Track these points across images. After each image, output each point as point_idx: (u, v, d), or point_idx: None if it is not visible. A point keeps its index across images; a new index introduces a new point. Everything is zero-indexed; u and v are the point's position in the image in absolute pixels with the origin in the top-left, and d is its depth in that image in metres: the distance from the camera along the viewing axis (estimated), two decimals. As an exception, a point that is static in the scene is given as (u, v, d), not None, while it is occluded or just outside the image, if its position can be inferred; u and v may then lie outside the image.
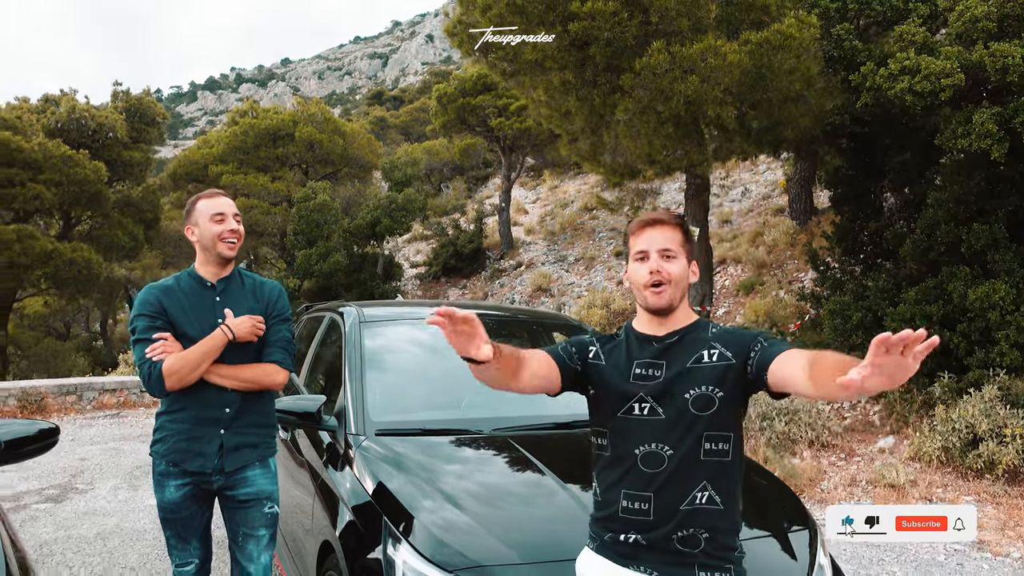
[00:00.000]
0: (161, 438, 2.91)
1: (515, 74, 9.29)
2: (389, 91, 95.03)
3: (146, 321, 2.82)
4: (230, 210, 2.92)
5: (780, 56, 7.44)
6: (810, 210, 14.39)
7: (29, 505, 6.04)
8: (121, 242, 21.52)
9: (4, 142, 18.29)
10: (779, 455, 7.22)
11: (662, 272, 2.04)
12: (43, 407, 10.27)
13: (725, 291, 13.55)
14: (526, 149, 23.28)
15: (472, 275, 22.27)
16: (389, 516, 2.73)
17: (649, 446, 2.01)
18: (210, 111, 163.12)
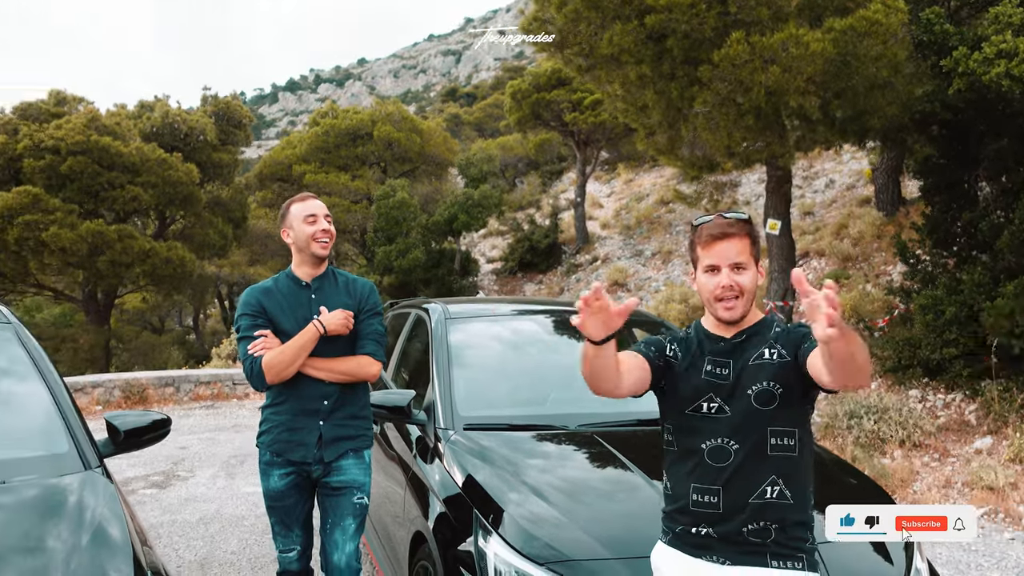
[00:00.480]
0: (266, 430, 3.08)
1: (591, 69, 9.27)
2: (463, 88, 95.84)
3: (248, 320, 3.00)
4: (321, 211, 3.06)
5: (866, 43, 7.20)
6: (898, 200, 13.86)
7: (137, 491, 6.43)
8: (211, 240, 22.48)
9: (105, 147, 19.35)
10: (868, 454, 7.03)
11: (734, 287, 2.06)
12: (145, 398, 10.87)
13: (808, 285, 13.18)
14: (601, 143, 23.17)
15: (548, 270, 22.33)
16: (479, 508, 2.82)
17: (715, 440, 2.06)
18: (291, 112, 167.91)
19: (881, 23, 7.07)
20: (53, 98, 21.85)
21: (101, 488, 2.48)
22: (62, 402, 2.82)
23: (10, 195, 18.19)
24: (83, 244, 18.18)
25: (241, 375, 11.73)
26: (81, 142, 19.10)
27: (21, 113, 20.85)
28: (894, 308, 9.80)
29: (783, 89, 7.44)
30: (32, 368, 2.95)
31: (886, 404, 7.54)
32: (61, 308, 25.76)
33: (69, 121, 19.77)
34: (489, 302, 5.55)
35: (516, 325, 4.57)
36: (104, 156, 19.40)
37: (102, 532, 2.24)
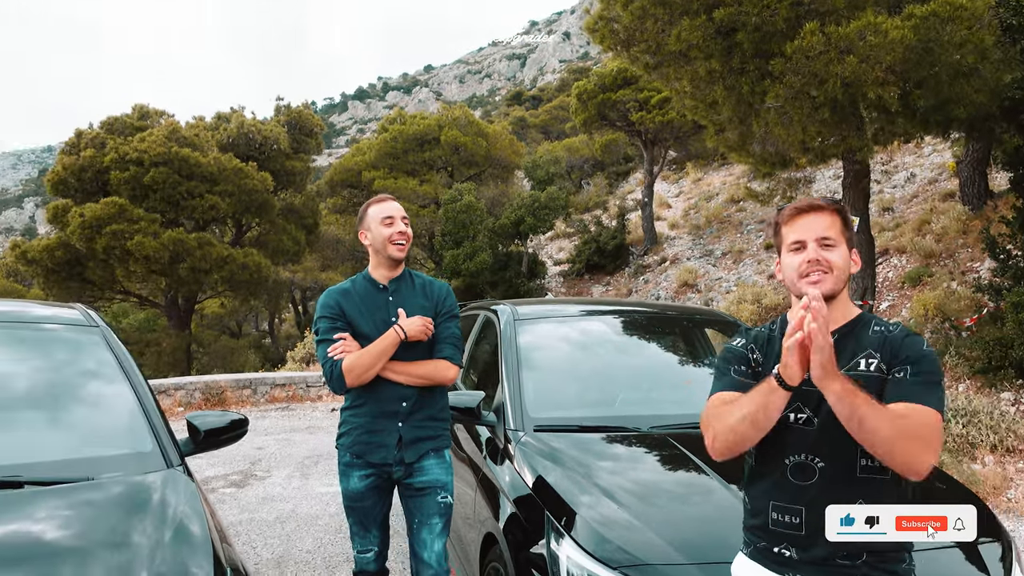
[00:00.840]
0: (345, 432, 3.09)
1: (658, 66, 9.14)
2: (528, 91, 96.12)
3: (327, 323, 3.01)
4: (398, 213, 3.05)
5: (949, 28, 6.88)
6: (985, 194, 13.19)
7: (217, 489, 6.62)
8: (285, 247, 23.12)
9: (185, 158, 20.13)
10: (957, 460, 6.70)
11: (822, 261, 1.88)
12: (223, 399, 11.21)
13: (888, 283, 12.70)
14: (668, 142, 22.85)
15: (615, 272, 22.14)
16: (550, 510, 2.78)
17: (799, 456, 1.88)
18: (360, 120, 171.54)
19: (966, 7, 6.74)
20: (137, 112, 22.85)
21: (183, 486, 2.54)
22: (146, 403, 2.91)
23: (98, 206, 19.09)
24: (165, 252, 18.94)
25: (314, 378, 11.99)
26: (163, 154, 19.92)
27: (107, 128, 21.87)
28: (983, 306, 9.33)
29: (860, 80, 7.17)
30: (118, 370, 3.05)
31: (976, 407, 7.17)
32: (145, 314, 26.88)
33: (152, 134, 20.65)
34: (557, 303, 5.51)
35: (585, 326, 4.52)
36: (184, 166, 20.18)
37: (183, 529, 2.29)
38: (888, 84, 7.20)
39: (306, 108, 26.22)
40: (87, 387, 3.01)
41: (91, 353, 3.12)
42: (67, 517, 2.26)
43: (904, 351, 1.85)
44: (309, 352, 15.65)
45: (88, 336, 3.22)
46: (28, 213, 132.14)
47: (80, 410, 2.89)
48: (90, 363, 3.10)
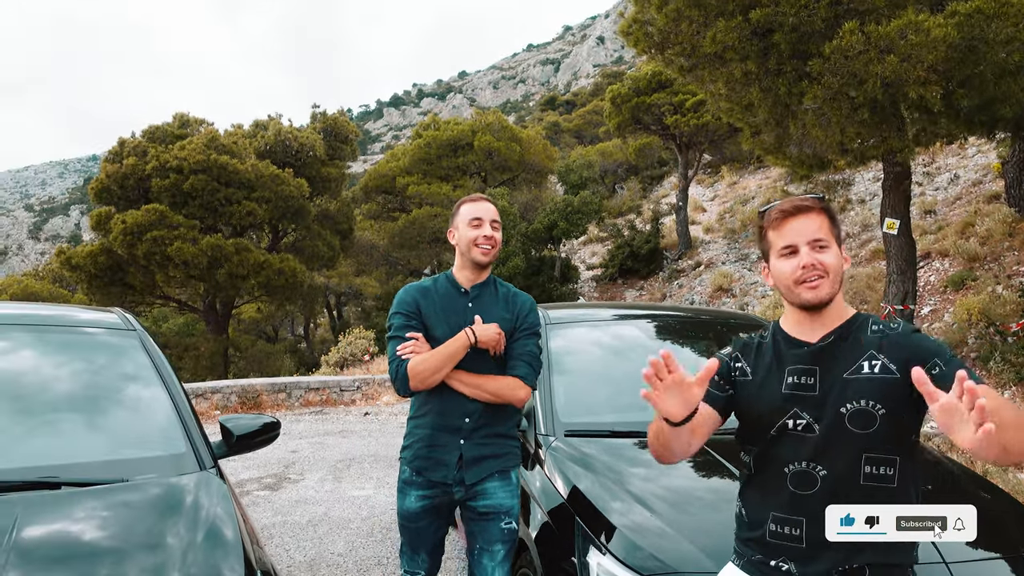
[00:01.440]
0: (408, 444, 2.92)
1: (693, 69, 9.04)
2: (561, 96, 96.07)
3: (402, 319, 2.85)
4: (488, 216, 2.86)
5: (995, 25, 6.69)
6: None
7: (251, 492, 6.69)
8: (320, 252, 23.39)
9: (223, 165, 20.50)
10: (1003, 469, 6.50)
11: (816, 265, 1.81)
12: (259, 403, 11.34)
13: (930, 287, 12.40)
14: (703, 145, 22.66)
15: (649, 276, 21.98)
16: (581, 516, 2.75)
17: (800, 464, 1.81)
18: (395, 126, 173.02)
19: (1012, 3, 6.55)
20: (177, 121, 23.33)
21: (215, 488, 2.56)
22: (181, 405, 2.94)
23: (140, 213, 19.52)
24: (203, 257, 19.29)
25: (348, 382, 12.09)
26: (202, 161, 20.31)
27: (149, 136, 22.36)
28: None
29: (901, 80, 7.01)
30: (154, 373, 3.08)
31: (1023, 415, 6.95)
32: (185, 318, 27.38)
33: (191, 142, 21.06)
34: (589, 307, 5.46)
35: (617, 330, 4.47)
36: (222, 173, 20.55)
37: (216, 531, 2.30)
38: (930, 84, 7.03)
39: (341, 115, 26.52)
40: (123, 390, 3.04)
41: (128, 356, 3.17)
42: (101, 518, 2.28)
43: (920, 349, 1.77)
44: (343, 356, 15.78)
45: (126, 340, 3.27)
46: (74, 220, 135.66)
47: (116, 412, 2.93)
48: (127, 366, 3.14)
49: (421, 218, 23.00)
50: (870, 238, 16.64)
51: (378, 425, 10.01)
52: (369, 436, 9.19)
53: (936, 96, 7.12)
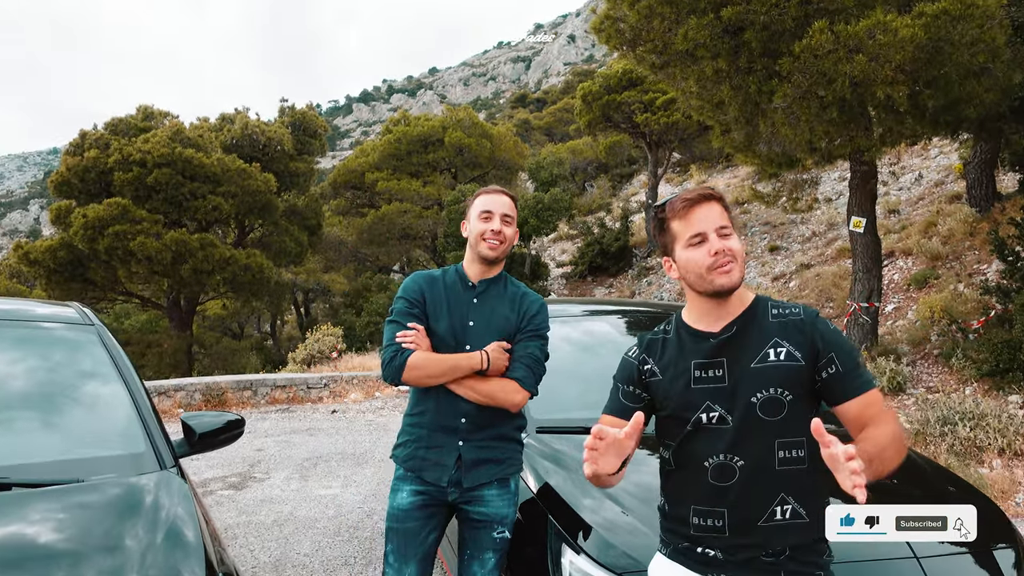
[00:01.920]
0: (402, 442, 2.78)
1: (664, 66, 9.06)
2: (532, 93, 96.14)
3: (405, 305, 2.72)
4: (499, 210, 2.73)
5: (961, 27, 6.79)
6: (992, 196, 13.09)
7: (215, 491, 6.55)
8: (288, 248, 23.08)
9: (188, 159, 20.11)
10: (964, 464, 6.60)
11: (726, 250, 1.83)
12: (223, 401, 11.15)
13: (894, 285, 12.60)
14: (673, 144, 22.79)
15: (618, 273, 22.07)
16: (553, 514, 2.70)
17: (717, 457, 1.83)
18: (364, 122, 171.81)
19: (977, 5, 6.65)
20: (141, 113, 22.85)
21: (176, 488, 2.47)
22: (141, 403, 2.84)
23: (101, 207, 19.08)
24: (167, 253, 18.91)
25: (315, 379, 11.93)
26: (166, 154, 19.90)
27: (112, 129, 21.87)
28: (991, 308, 9.23)
29: (869, 79, 7.09)
30: (113, 370, 2.98)
31: (983, 410, 7.07)
32: (148, 315, 26.86)
33: (155, 135, 20.64)
34: (560, 302, 5.42)
35: (588, 326, 4.44)
36: (187, 167, 20.16)
37: (176, 532, 2.22)
38: (898, 83, 7.12)
39: (310, 110, 26.22)
40: (80, 386, 2.93)
41: (86, 352, 3.06)
42: (54, 520, 2.19)
43: (818, 339, 1.84)
44: (310, 354, 15.60)
45: (84, 335, 3.16)
46: (33, 215, 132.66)
47: (72, 410, 2.82)
48: (85, 362, 3.03)
49: (390, 214, 22.82)
50: (836, 236, 16.87)
51: (346, 423, 9.89)
52: (337, 434, 9.07)
53: (903, 96, 7.22)
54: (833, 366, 1.81)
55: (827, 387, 1.83)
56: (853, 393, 1.81)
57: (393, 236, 23.48)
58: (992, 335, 8.56)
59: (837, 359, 1.82)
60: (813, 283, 14.54)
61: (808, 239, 18.08)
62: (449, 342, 2.69)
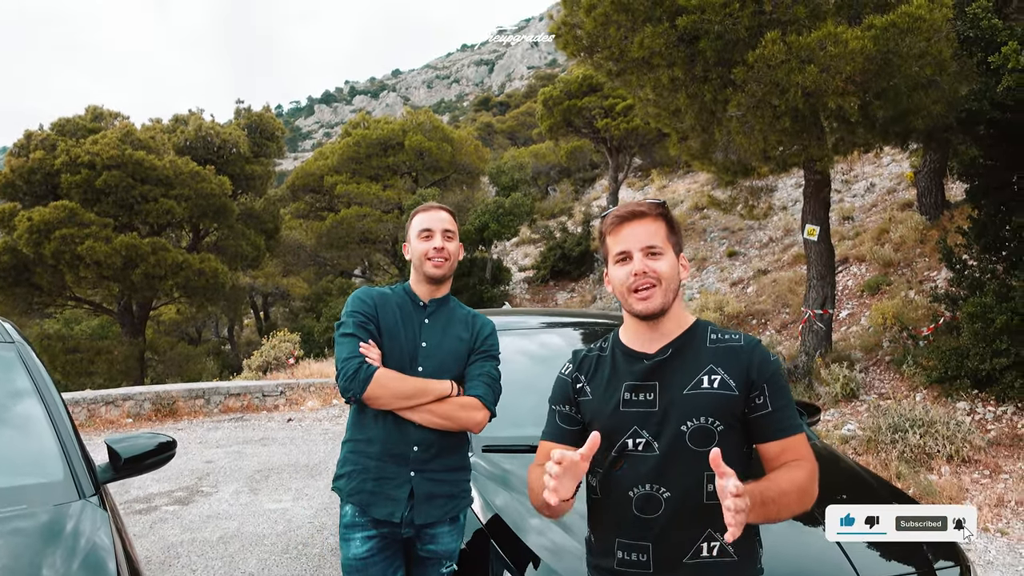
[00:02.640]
0: (345, 473, 2.59)
1: (621, 73, 9.05)
2: (495, 97, 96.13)
3: (360, 319, 2.58)
4: (439, 226, 2.64)
5: (908, 40, 6.89)
6: (941, 204, 13.38)
7: (159, 507, 6.34)
8: (244, 252, 22.66)
9: (139, 161, 19.63)
10: (913, 470, 6.69)
11: (648, 272, 1.76)
12: (175, 410, 10.86)
13: (848, 292, 12.79)
14: (633, 149, 22.92)
15: (580, 278, 22.10)
16: (496, 539, 2.63)
17: (643, 488, 1.74)
18: (326, 123, 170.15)
19: (924, 19, 6.75)
20: (90, 114, 22.25)
21: (94, 518, 2.34)
22: (60, 426, 2.70)
23: (47, 210, 18.51)
24: (117, 257, 18.41)
25: (270, 387, 11.69)
26: (116, 156, 19.39)
27: (59, 129, 21.26)
28: (939, 316, 9.40)
29: (821, 90, 7.15)
30: (32, 390, 2.83)
31: (932, 417, 7.18)
32: (99, 320, 26.17)
33: (105, 136, 20.10)
34: (515, 314, 5.35)
35: (543, 339, 4.36)
36: (138, 170, 19.67)
37: (88, 565, 2.10)
38: (848, 94, 7.20)
39: (267, 111, 25.80)
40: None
41: (2, 371, 2.90)
42: (-46, 558, 2.04)
43: (755, 367, 1.77)
44: (266, 360, 15.30)
45: (1, 353, 2.99)
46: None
47: (-16, 435, 2.66)
48: (1, 382, 2.86)
49: (349, 218, 22.55)
50: (792, 243, 17.10)
51: (301, 432, 9.70)
52: (291, 444, 8.88)
53: (854, 106, 7.30)
54: (762, 398, 1.75)
55: (753, 422, 1.77)
56: (775, 435, 1.75)
57: (353, 240, 23.22)
58: (941, 342, 8.71)
59: (768, 394, 1.75)
60: (770, 289, 14.70)
61: (765, 244, 18.30)
62: (403, 362, 2.57)
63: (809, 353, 9.77)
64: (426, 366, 2.57)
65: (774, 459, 1.75)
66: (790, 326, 12.64)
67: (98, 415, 10.41)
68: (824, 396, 9.13)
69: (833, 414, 8.68)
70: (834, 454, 3.55)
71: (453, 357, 2.62)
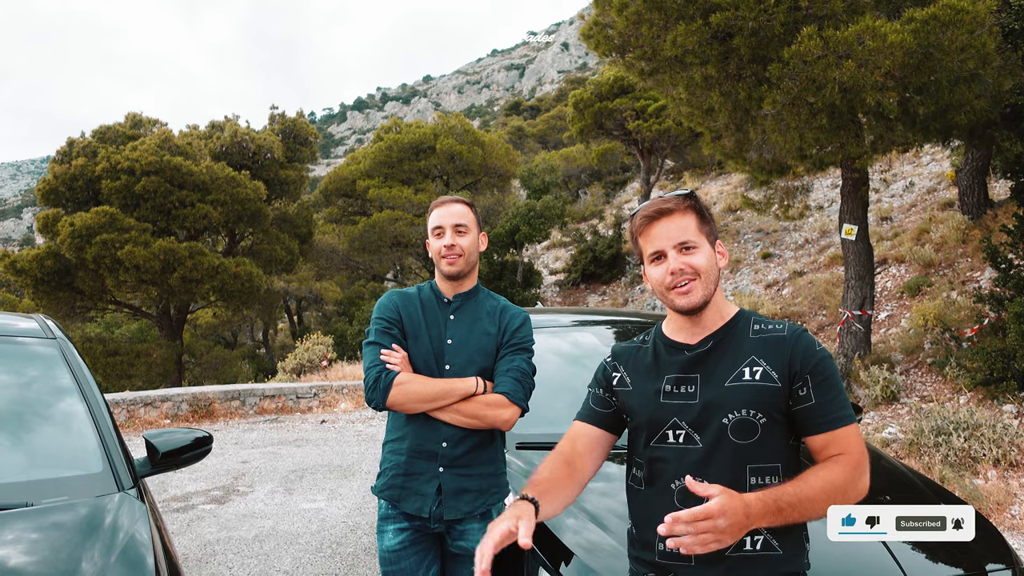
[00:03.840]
0: (382, 471, 2.61)
1: (653, 73, 8.98)
2: (526, 101, 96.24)
3: (383, 324, 2.57)
4: (449, 222, 2.56)
5: (950, 33, 6.72)
6: (984, 203, 13.05)
7: (196, 506, 6.41)
8: (278, 256, 22.90)
9: (177, 167, 19.96)
10: (958, 475, 6.51)
11: (685, 269, 1.75)
12: (211, 412, 11.01)
13: (887, 293, 12.53)
14: (665, 151, 22.75)
15: (611, 281, 21.98)
16: (533, 538, 2.59)
17: (684, 480, 1.69)
18: (358, 130, 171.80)
19: (967, 11, 6.58)
20: (129, 121, 22.70)
21: (133, 510, 2.36)
22: (100, 420, 2.73)
23: (89, 215, 18.91)
24: (156, 261, 18.74)
25: (304, 389, 11.79)
26: (154, 162, 19.76)
27: (100, 136, 21.71)
28: (984, 316, 9.15)
29: (859, 85, 7.01)
30: (73, 385, 2.87)
31: (977, 420, 6.98)
32: (138, 324, 26.67)
33: (143, 142, 20.48)
34: (548, 312, 5.31)
35: (576, 337, 4.33)
36: (176, 175, 20.01)
37: (127, 557, 2.12)
38: (887, 90, 7.04)
39: (300, 117, 26.08)
40: (36, 403, 2.81)
41: (45, 367, 2.94)
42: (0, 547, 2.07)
43: (798, 357, 1.72)
44: (300, 363, 15.46)
45: (44, 348, 3.04)
46: (27, 223, 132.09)
47: (27, 428, 2.70)
48: (43, 377, 2.91)
49: (382, 222, 22.69)
50: (828, 244, 16.81)
51: (335, 433, 9.76)
52: (325, 445, 8.94)
53: (893, 102, 7.15)
54: (805, 390, 1.70)
55: (797, 415, 1.72)
56: (819, 428, 1.70)
57: (385, 244, 23.36)
58: (986, 343, 8.47)
59: (812, 385, 1.70)
60: (806, 291, 14.47)
61: (801, 246, 18.03)
62: (429, 361, 2.55)
63: (847, 355, 9.58)
64: (453, 363, 2.54)
65: (819, 452, 1.71)
66: (827, 328, 12.41)
67: (137, 416, 10.58)
68: (863, 399, 8.95)
69: (873, 417, 8.50)
70: (876, 453, 3.46)
71: (481, 353, 2.58)
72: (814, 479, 1.62)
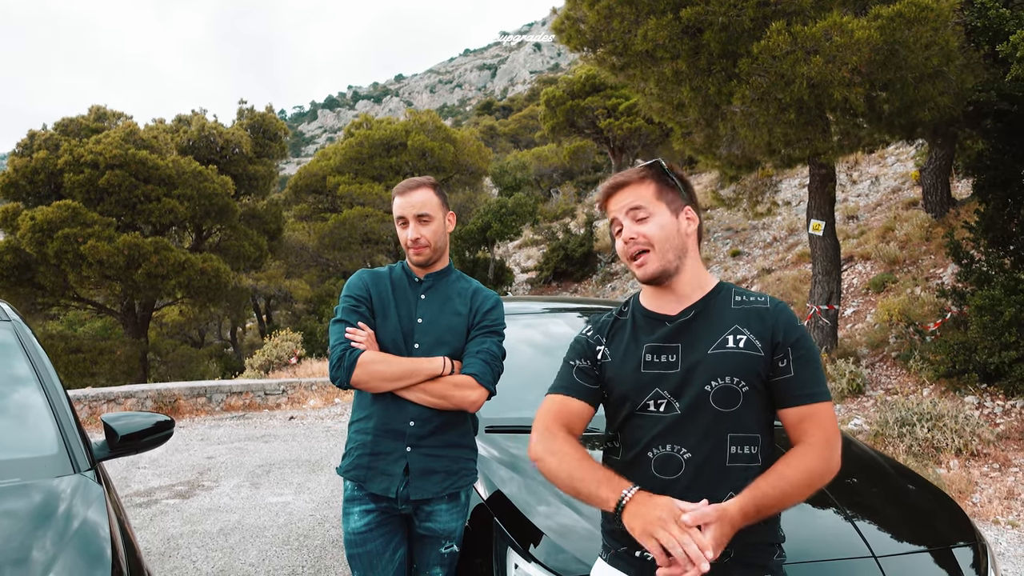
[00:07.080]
0: (347, 451, 2.57)
1: (625, 67, 9.00)
2: (498, 101, 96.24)
3: (351, 303, 2.53)
4: (412, 211, 2.51)
5: (915, 30, 6.83)
6: (947, 201, 13.31)
7: (160, 500, 6.29)
8: (247, 252, 22.60)
9: (142, 161, 19.61)
10: (922, 464, 6.61)
11: (637, 239, 1.73)
12: (177, 408, 10.81)
13: (853, 290, 12.71)
14: (636, 149, 22.87)
15: (583, 279, 22.04)
16: (501, 518, 2.57)
17: (663, 448, 1.70)
18: (329, 128, 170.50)
19: (931, 8, 6.69)
20: (93, 114, 22.26)
21: (88, 492, 2.29)
22: (56, 402, 2.66)
23: (50, 209, 18.50)
24: (120, 256, 18.38)
25: (272, 385, 11.64)
26: (119, 156, 19.38)
27: (62, 129, 21.26)
28: (947, 311, 9.32)
29: (826, 81, 7.09)
30: (29, 367, 2.79)
31: (940, 411, 7.10)
32: (103, 322, 26.16)
33: (108, 135, 20.09)
34: (518, 300, 5.29)
35: (546, 324, 4.31)
36: (141, 169, 19.66)
37: (83, 538, 2.06)
38: (854, 85, 7.13)
39: (269, 112, 25.78)
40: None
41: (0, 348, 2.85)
42: (-55, 528, 1.99)
43: (781, 329, 1.72)
44: (268, 359, 15.27)
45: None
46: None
47: (-22, 410, 2.61)
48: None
49: (352, 218, 22.51)
50: (796, 242, 17.02)
51: (303, 429, 9.65)
52: (293, 441, 8.82)
53: (860, 98, 7.23)
54: (785, 361, 1.70)
55: (774, 386, 1.71)
56: (795, 401, 1.69)
57: (355, 240, 23.18)
58: (948, 337, 8.63)
59: (793, 358, 1.70)
60: (774, 287, 14.63)
61: (769, 244, 18.23)
62: (397, 340, 2.51)
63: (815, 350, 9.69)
64: (422, 343, 2.50)
65: (794, 427, 1.69)
66: (795, 324, 12.55)
67: (99, 412, 10.36)
68: (830, 392, 9.06)
69: (839, 409, 8.61)
70: (846, 438, 3.50)
71: (451, 333, 2.54)
72: (791, 471, 1.61)
